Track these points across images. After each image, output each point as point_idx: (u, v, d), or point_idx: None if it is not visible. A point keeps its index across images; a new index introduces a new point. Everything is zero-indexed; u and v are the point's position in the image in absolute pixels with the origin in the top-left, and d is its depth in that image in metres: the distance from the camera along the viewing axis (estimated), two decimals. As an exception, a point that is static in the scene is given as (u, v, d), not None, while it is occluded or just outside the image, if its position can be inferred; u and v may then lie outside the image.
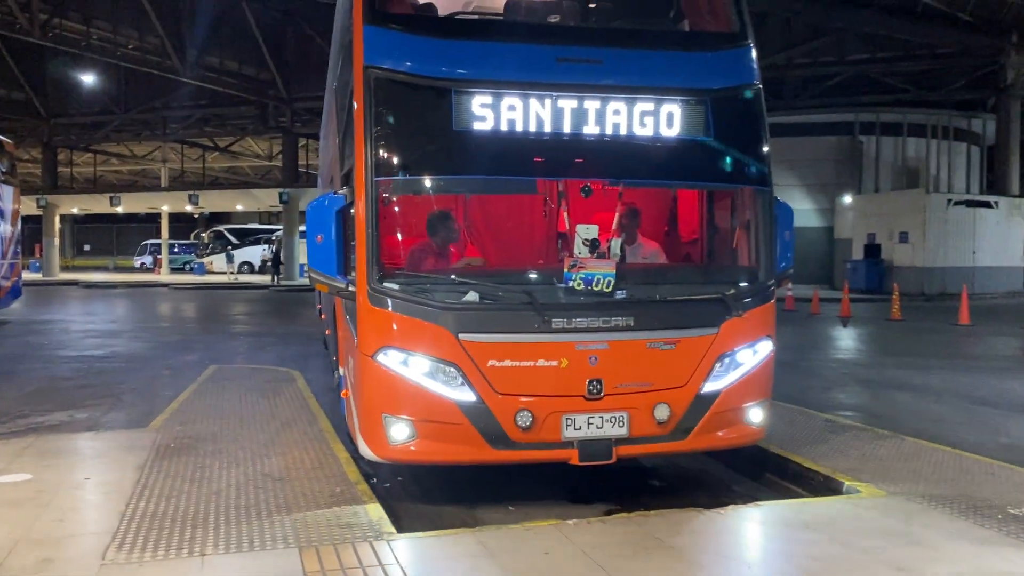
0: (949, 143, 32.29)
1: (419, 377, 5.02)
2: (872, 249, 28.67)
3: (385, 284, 5.06)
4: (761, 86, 5.77)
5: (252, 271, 45.98)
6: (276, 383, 9.49)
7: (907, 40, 31.08)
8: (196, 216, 56.08)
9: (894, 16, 30.33)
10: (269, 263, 45.03)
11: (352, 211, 5.12)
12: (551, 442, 5.11)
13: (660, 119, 5.34)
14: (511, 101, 5.14)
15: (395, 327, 5.05)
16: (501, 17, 5.99)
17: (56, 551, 4.24)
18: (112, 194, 41.85)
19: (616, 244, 5.61)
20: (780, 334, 5.49)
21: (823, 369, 11.57)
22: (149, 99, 39.07)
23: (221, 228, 50.50)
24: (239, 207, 49.95)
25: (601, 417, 5.15)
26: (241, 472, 5.68)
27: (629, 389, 5.20)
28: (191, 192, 39.99)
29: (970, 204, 28.24)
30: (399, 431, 5.07)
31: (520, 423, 5.04)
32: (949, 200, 27.77)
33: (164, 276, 43.20)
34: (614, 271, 5.25)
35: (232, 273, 41.61)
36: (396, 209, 5.54)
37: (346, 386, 6.17)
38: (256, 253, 46.82)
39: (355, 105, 5.20)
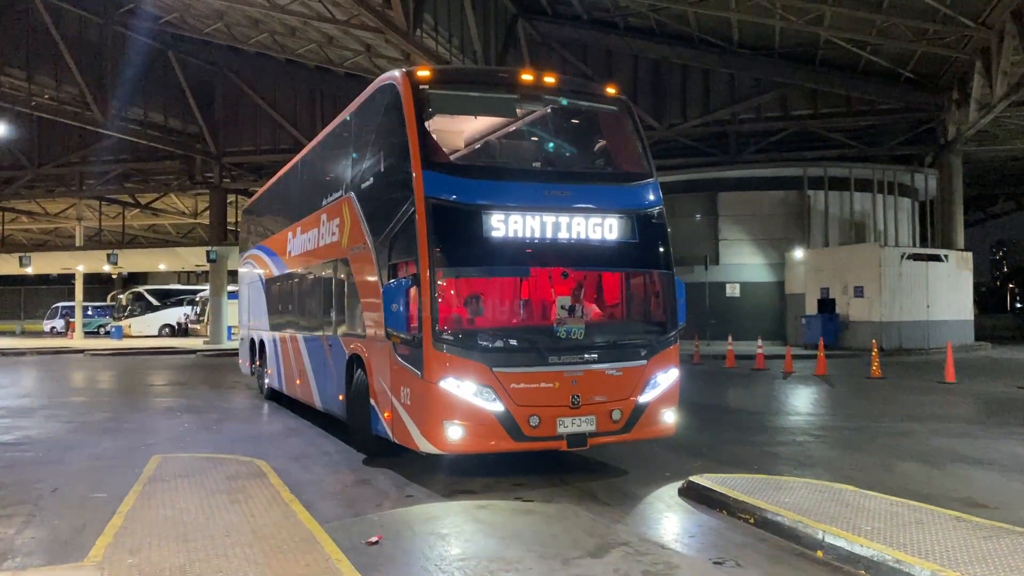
0: (895, 198, 32.30)
1: (468, 396, 7.41)
2: (826, 304, 28.17)
3: (443, 336, 7.47)
4: (663, 207, 8.64)
5: (173, 333, 43.57)
6: (242, 480, 7.68)
7: (849, 96, 31.36)
8: (114, 277, 52.95)
9: (836, 72, 30.66)
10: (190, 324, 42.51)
11: (416, 289, 7.49)
12: (550, 436, 7.56)
13: (605, 229, 8.14)
14: (516, 218, 7.78)
15: (451, 364, 7.43)
16: (498, 160, 9.54)
17: None
18: (21, 254, 38.80)
19: (583, 308, 8.44)
20: (772, 398, 4.70)
21: (858, 441, 10.36)
22: (65, 153, 36.72)
23: (141, 289, 47.57)
24: (162, 266, 47.07)
25: (580, 419, 7.65)
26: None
27: (596, 400, 7.75)
28: (110, 251, 37.04)
29: (919, 258, 28.05)
30: (454, 432, 7.40)
31: (531, 424, 7.48)
32: (903, 254, 27.53)
33: (78, 341, 39.90)
34: (583, 326, 8.01)
35: None
36: (447, 287, 7.84)
37: (387, 409, 8.34)
38: (177, 315, 44.67)
39: (416, 221, 7.63)
